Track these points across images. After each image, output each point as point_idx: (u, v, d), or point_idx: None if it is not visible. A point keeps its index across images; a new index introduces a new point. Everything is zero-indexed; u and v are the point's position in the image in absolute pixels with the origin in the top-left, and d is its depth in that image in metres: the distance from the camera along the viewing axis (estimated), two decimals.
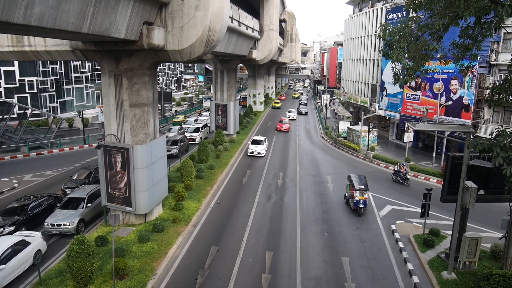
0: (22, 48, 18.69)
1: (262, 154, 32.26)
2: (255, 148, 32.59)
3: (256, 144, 33.32)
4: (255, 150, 32.40)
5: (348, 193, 21.73)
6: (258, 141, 33.84)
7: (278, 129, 45.62)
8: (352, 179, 21.00)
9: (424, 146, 37.18)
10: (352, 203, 20.46)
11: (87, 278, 12.64)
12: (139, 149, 16.45)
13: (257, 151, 32.46)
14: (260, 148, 32.63)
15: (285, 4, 63.87)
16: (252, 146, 33.03)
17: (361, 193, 19.96)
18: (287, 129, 45.55)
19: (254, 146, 32.94)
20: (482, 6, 8.89)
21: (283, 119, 47.63)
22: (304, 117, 61.40)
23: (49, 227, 16.78)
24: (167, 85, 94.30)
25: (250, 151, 32.43)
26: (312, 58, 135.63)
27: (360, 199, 19.87)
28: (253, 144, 33.23)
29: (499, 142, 9.00)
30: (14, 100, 41.29)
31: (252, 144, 33.35)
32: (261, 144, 33.22)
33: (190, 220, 18.68)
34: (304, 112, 63.84)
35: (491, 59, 29.06)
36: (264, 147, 33.10)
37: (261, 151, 32.39)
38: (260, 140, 33.95)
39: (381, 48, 36.45)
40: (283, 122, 46.76)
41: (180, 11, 14.63)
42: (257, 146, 32.93)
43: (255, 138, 34.46)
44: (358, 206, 19.99)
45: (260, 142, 33.51)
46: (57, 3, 9.34)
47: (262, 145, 32.97)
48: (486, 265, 14.66)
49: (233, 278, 13.94)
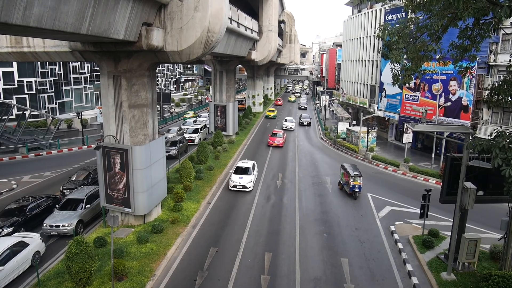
0: (21, 49, 18.68)
1: (248, 188, 23.28)
2: (240, 179, 23.47)
3: (241, 173, 24.17)
4: (239, 183, 23.31)
5: (342, 180, 24.34)
6: (244, 169, 24.63)
7: (269, 143, 37.21)
8: (346, 167, 23.75)
9: (423, 147, 37.20)
10: (347, 188, 23.11)
11: (86, 279, 12.60)
12: (138, 150, 16.43)
13: (242, 184, 23.24)
14: (246, 179, 23.53)
15: (284, 5, 63.92)
16: (235, 177, 23.78)
17: (356, 178, 22.45)
18: (280, 145, 36.79)
19: (237, 177, 23.74)
20: (481, 7, 8.90)
21: (277, 132, 39.17)
22: (306, 128, 50.90)
23: (47, 228, 16.74)
24: (166, 86, 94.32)
25: (233, 185, 23.40)
26: (311, 59, 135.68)
27: (356, 184, 22.49)
28: (237, 174, 24.09)
29: (498, 143, 9.01)
30: (12, 101, 41.28)
31: (236, 173, 24.23)
32: (247, 173, 24.29)
33: (189, 221, 18.65)
34: (306, 123, 52.17)
35: (490, 60, 29.12)
36: (252, 177, 24.02)
37: (247, 183, 23.30)
38: (246, 167, 24.75)
39: (380, 49, 36.61)
40: (276, 135, 38.19)
41: (179, 12, 14.63)
42: (242, 177, 23.73)
43: (240, 165, 25.11)
44: (354, 190, 22.58)
45: (247, 171, 24.47)
46: (56, 4, 9.33)
47: (249, 175, 24.05)
48: (485, 266, 14.66)
49: (232, 279, 13.92)
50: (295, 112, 67.34)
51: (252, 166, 25.17)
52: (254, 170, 25.31)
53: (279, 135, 37.93)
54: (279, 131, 39.48)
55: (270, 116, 57.47)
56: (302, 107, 73.17)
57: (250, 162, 25.73)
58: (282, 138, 37.51)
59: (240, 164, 25.30)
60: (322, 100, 54.16)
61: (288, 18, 68.04)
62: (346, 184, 23.34)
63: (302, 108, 72.62)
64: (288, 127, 46.99)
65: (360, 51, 47.90)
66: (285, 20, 67.29)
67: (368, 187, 24.92)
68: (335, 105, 63.72)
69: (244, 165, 25.15)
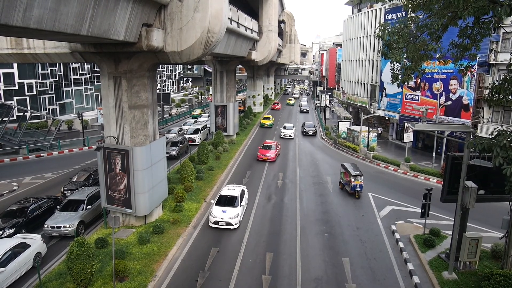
0: (21, 51, 18.72)
1: (234, 225, 17.80)
2: (223, 214, 17.97)
3: (225, 204, 18.60)
4: (221, 219, 17.80)
5: (343, 180, 24.25)
6: (230, 199, 18.95)
7: (259, 158, 31.00)
8: (346, 167, 23.64)
9: (424, 146, 37.18)
10: (349, 188, 23.17)
11: (87, 280, 12.61)
12: (139, 151, 16.44)
13: (226, 220, 17.77)
14: (231, 213, 17.99)
15: (284, 5, 63.94)
16: (216, 210, 18.23)
17: (357, 178, 22.53)
18: (272, 159, 30.70)
19: (220, 210, 18.20)
20: (481, 6, 8.89)
21: (269, 143, 32.66)
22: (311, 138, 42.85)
23: (49, 229, 16.76)
24: (167, 87, 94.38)
25: (213, 220, 17.91)
26: (311, 59, 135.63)
27: (357, 184, 22.56)
28: (220, 206, 18.51)
29: (499, 142, 9.00)
30: (13, 102, 41.33)
31: (219, 205, 18.66)
32: (233, 204, 18.60)
33: (190, 222, 18.65)
34: (311, 132, 43.65)
35: (490, 59, 29.09)
36: (239, 210, 18.49)
37: (232, 219, 17.79)
38: (232, 197, 19.05)
39: (380, 48, 36.58)
40: (269, 147, 31.68)
41: (179, 13, 14.63)
42: (225, 210, 18.19)
43: (224, 193, 19.49)
44: (356, 190, 22.67)
45: (233, 201, 18.75)
46: (56, 5, 9.34)
47: (235, 207, 18.45)
48: (487, 265, 14.64)
49: (234, 280, 13.92)
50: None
51: (240, 195, 19.40)
52: (242, 200, 19.49)
53: (271, 147, 31.80)
54: (272, 142, 33.32)
55: (266, 125, 48.00)
56: (304, 110, 65.96)
57: (238, 189, 20.05)
58: (275, 151, 31.58)
59: (225, 192, 19.65)
60: (323, 100, 54.16)
61: (288, 18, 68.05)
62: (348, 184, 23.41)
63: (304, 111, 65.47)
64: (287, 135, 41.45)
65: (360, 51, 47.88)
66: (285, 20, 67.32)
67: (369, 187, 24.89)
68: (335, 105, 63.73)
69: (230, 193, 19.47)
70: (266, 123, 48.06)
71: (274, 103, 71.57)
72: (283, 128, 43.32)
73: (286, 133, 41.59)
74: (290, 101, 78.76)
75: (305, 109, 66.44)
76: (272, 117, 51.05)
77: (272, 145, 32.14)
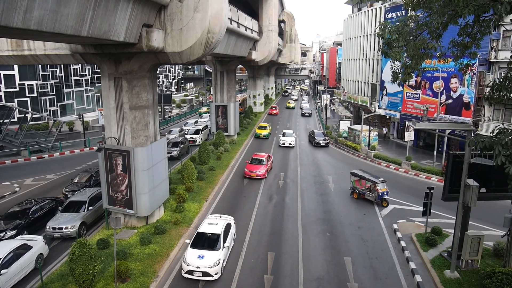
0: (21, 52, 18.74)
1: (213, 275, 13.64)
2: (199, 260, 13.74)
3: (203, 247, 14.40)
4: (196, 268, 13.63)
5: (360, 188, 22.31)
6: (209, 238, 14.76)
7: (246, 174, 26.25)
8: (360, 174, 22.15)
9: (425, 144, 37.13)
10: (373, 196, 21.33)
11: (89, 281, 12.62)
12: (140, 152, 16.45)
13: (203, 269, 13.56)
14: (210, 259, 13.75)
15: (284, 5, 63.93)
16: (191, 255, 13.96)
17: (384, 184, 21.06)
18: (261, 176, 25.94)
19: (196, 254, 13.93)
20: (481, 4, 8.87)
21: (259, 156, 27.76)
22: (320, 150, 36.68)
23: (50, 231, 16.79)
24: (167, 87, 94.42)
25: (186, 269, 13.79)
26: (312, 58, 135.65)
27: (384, 191, 20.96)
28: (196, 248, 14.28)
29: (500, 140, 8.98)
30: (14, 104, 41.36)
31: (195, 246, 14.43)
32: (215, 246, 14.38)
33: (191, 222, 18.66)
34: (324, 143, 37.49)
35: (490, 57, 29.03)
36: (221, 255, 14.09)
37: (211, 268, 13.60)
38: (213, 235, 14.82)
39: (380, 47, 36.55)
40: (260, 162, 26.98)
41: (179, 13, 14.64)
42: (203, 255, 13.89)
43: (203, 230, 15.17)
44: (383, 198, 20.99)
45: (214, 243, 14.52)
46: (56, 6, 9.35)
47: (216, 250, 14.18)
48: (489, 263, 14.63)
49: (235, 279, 13.91)
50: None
51: (223, 231, 15.04)
52: (227, 238, 15.09)
53: (262, 162, 27.01)
54: (262, 155, 28.04)
55: (262, 135, 40.88)
56: (306, 114, 59.05)
57: (221, 222, 15.62)
58: (265, 165, 26.80)
59: (205, 228, 15.27)
60: (323, 99, 54.12)
61: (288, 18, 68.04)
62: (368, 192, 21.71)
63: (306, 115, 58.80)
64: (286, 143, 36.76)
65: (361, 50, 47.86)
66: (285, 20, 67.31)
67: None
68: (336, 104, 63.71)
69: (211, 229, 15.08)
70: (261, 134, 41.01)
71: (271, 107, 62.87)
72: (282, 135, 38.23)
73: (286, 141, 36.91)
74: (289, 104, 70.87)
75: (307, 112, 60.27)
76: (269, 125, 43.93)
77: (263, 159, 27.32)
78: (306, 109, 61.71)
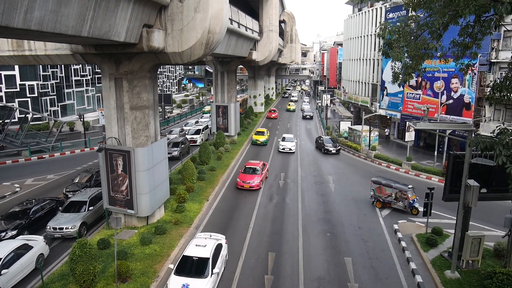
0: (22, 53, 18.75)
1: None
2: None
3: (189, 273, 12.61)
4: None
5: (384, 197, 21.06)
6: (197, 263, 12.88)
7: (238, 185, 24.14)
8: (385, 182, 20.77)
9: (426, 145, 37.11)
10: (403, 205, 20.33)
11: (90, 281, 12.63)
12: (140, 152, 16.46)
13: None
14: None
15: (284, 5, 63.89)
16: (173, 284, 12.28)
17: (413, 191, 20.37)
18: (255, 187, 23.77)
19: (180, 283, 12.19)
20: (482, 4, 8.87)
21: (253, 165, 25.52)
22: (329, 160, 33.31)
23: (51, 231, 16.80)
24: (168, 88, 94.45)
25: None
26: (312, 59, 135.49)
27: (414, 198, 20.24)
28: (180, 276, 12.49)
29: (501, 140, 8.97)
30: (15, 104, 41.41)
31: (180, 273, 12.66)
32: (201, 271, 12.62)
33: (192, 222, 18.67)
34: (334, 150, 34.57)
35: (491, 57, 29.01)
36: (209, 285, 12.32)
37: None
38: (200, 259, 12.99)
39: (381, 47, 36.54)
40: (254, 171, 24.81)
41: (179, 14, 14.65)
42: (188, 283, 12.14)
43: (190, 253, 13.36)
44: (414, 206, 20.12)
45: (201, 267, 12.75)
46: (56, 7, 9.36)
47: (203, 278, 12.40)
48: (490, 264, 14.61)
49: (236, 280, 13.91)
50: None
51: (213, 255, 13.22)
52: (217, 262, 13.24)
53: (256, 171, 24.71)
54: (257, 163, 25.65)
55: (259, 141, 37.58)
56: (307, 116, 56.45)
57: (211, 243, 13.84)
58: (259, 176, 24.38)
59: (191, 251, 13.44)
60: (324, 99, 54.11)
61: (289, 18, 68.01)
62: (395, 200, 20.62)
63: (307, 118, 56.21)
64: (286, 148, 34.57)
65: (361, 50, 47.85)
66: (285, 20, 67.26)
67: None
68: (336, 104, 63.70)
69: (198, 252, 13.27)
70: (259, 140, 37.59)
71: (270, 110, 59.87)
72: (282, 140, 35.99)
73: (286, 146, 34.64)
74: (290, 107, 67.50)
75: (308, 114, 57.56)
76: (267, 130, 40.57)
77: (257, 168, 24.96)
78: (307, 111, 59.38)
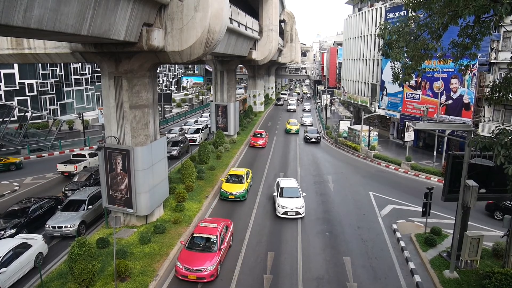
0: (21, 51, 18.73)
1: None
2: None
3: None
4: None
5: None
6: None
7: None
8: None
9: (425, 145, 37.15)
10: None
11: (89, 280, 12.62)
12: (140, 151, 16.45)
13: None
14: None
15: (284, 5, 63.88)
16: None
17: None
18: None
19: None
20: (481, 4, 8.87)
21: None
22: None
23: (50, 230, 16.78)
24: (167, 87, 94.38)
25: None
26: (312, 58, 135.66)
27: None
28: None
29: (500, 140, 8.99)
30: (14, 103, 41.37)
31: None
32: None
33: (191, 221, 18.66)
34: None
35: (491, 58, 29.04)
36: None
37: None
38: None
39: (380, 47, 36.54)
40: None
41: (179, 13, 14.63)
42: None
43: None
44: None
45: None
46: (56, 5, 9.35)
47: None
48: (488, 264, 14.64)
49: (235, 279, 13.92)
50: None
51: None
52: None
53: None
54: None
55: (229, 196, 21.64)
56: (312, 140, 38.33)
57: None
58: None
59: None
60: (323, 99, 54.12)
61: (289, 17, 68.02)
62: None
63: (313, 141, 38.42)
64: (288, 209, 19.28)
65: (361, 50, 47.85)
66: (285, 19, 67.29)
67: (370, 186, 24.90)
68: (336, 104, 63.69)
69: None
70: (228, 192, 21.71)
71: (255, 134, 38.09)
72: (277, 188, 21.29)
73: (288, 206, 19.32)
74: (290, 126, 44.46)
75: (313, 137, 38.82)
76: (247, 170, 24.26)
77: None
78: (312, 132, 39.58)
